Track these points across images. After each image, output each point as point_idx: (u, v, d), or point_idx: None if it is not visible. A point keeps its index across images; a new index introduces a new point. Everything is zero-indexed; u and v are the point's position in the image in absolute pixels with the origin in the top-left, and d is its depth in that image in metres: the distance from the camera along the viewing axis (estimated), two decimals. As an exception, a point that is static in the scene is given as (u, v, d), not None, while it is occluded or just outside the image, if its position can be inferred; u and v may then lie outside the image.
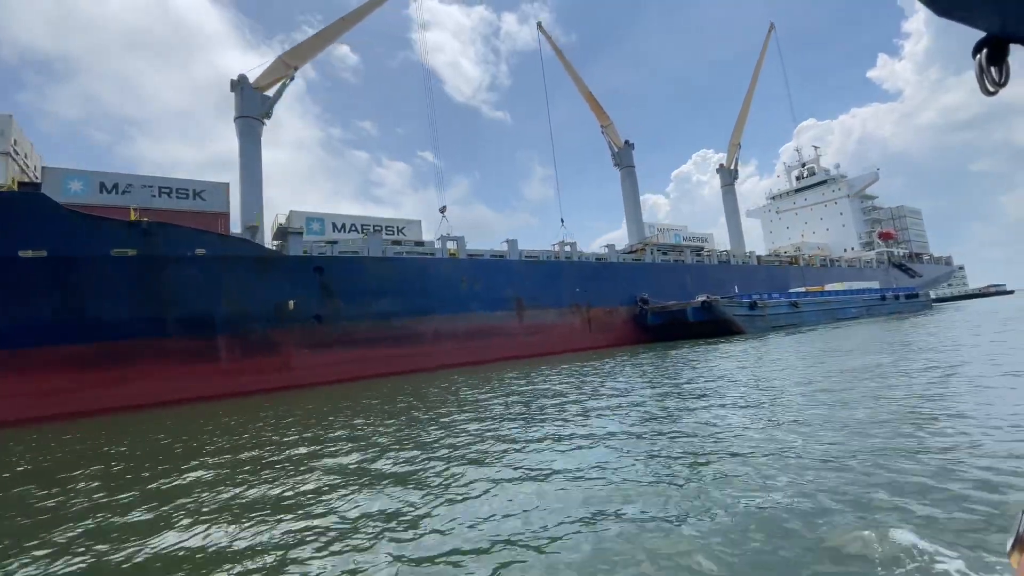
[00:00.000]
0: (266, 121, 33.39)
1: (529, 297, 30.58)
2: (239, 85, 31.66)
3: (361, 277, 24.98)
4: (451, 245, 28.78)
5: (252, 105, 31.76)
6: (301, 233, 24.44)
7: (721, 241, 57.12)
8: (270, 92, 34.09)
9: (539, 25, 57.25)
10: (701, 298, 32.12)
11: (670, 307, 32.92)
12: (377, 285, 25.39)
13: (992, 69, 0.95)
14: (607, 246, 36.70)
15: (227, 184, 26.49)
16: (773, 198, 79.26)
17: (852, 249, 68.47)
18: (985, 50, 0.94)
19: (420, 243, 28.88)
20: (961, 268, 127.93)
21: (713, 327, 31.08)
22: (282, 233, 24.55)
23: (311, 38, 35.25)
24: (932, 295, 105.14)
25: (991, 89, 0.96)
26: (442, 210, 39.73)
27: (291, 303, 23.68)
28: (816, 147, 75.58)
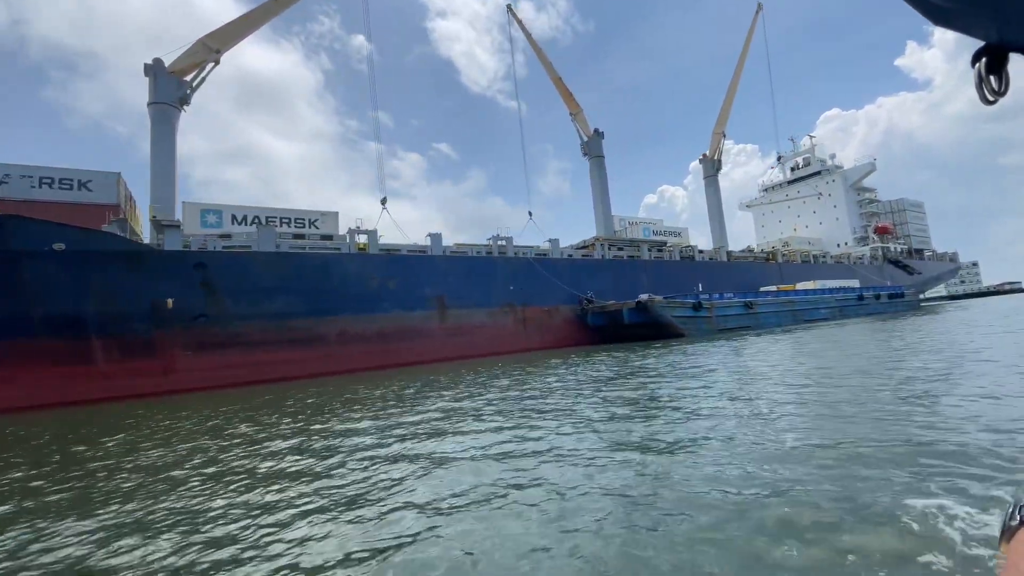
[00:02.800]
0: (185, 108, 31.76)
1: (453, 296, 28.52)
2: (152, 70, 30.00)
3: (249, 274, 23.20)
4: (361, 239, 26.79)
5: (167, 91, 30.07)
6: (178, 226, 22.68)
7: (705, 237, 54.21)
8: (199, 79, 32.61)
9: (508, 7, 54.74)
10: (643, 297, 29.73)
11: (608, 307, 30.56)
12: (270, 282, 23.59)
13: (991, 78, 0.94)
14: (550, 240, 34.36)
15: (117, 174, 24.92)
16: (766, 190, 75.64)
17: (845, 244, 64.85)
18: (984, 59, 0.93)
19: (328, 237, 26.94)
20: (975, 265, 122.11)
21: (650, 329, 28.70)
22: (158, 226, 22.86)
23: (238, 19, 33.41)
24: (940, 292, 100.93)
25: (990, 98, 0.97)
26: (382, 202, 37.86)
27: (169, 302, 22.04)
28: (811, 136, 71.68)
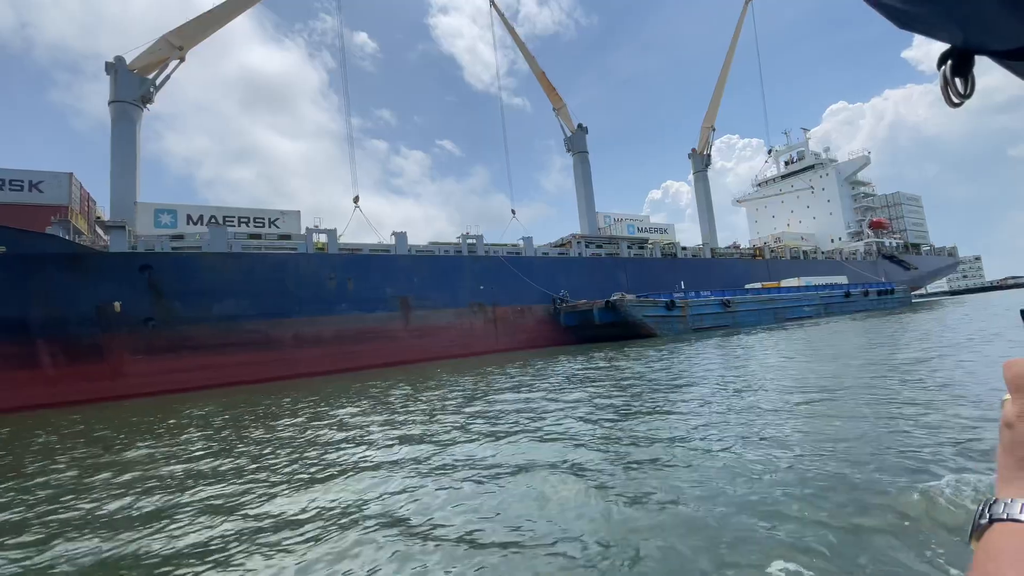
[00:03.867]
0: (148, 107, 31.24)
1: (418, 296, 27.85)
2: (114, 67, 29.47)
3: (199, 275, 22.65)
4: (320, 238, 26.15)
5: (128, 89, 29.55)
6: (123, 227, 22.12)
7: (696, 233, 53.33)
8: (163, 76, 32.05)
9: (492, 3, 53.80)
10: (616, 296, 28.98)
11: (579, 306, 29.78)
12: (220, 284, 23.03)
13: (957, 80, 0.94)
14: (523, 238, 33.60)
15: (69, 174, 24.38)
16: (759, 185, 74.41)
17: (839, 239, 63.58)
18: (950, 61, 0.93)
19: (287, 236, 26.31)
20: (977, 259, 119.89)
21: (621, 329, 27.92)
22: (103, 227, 22.32)
23: (203, 15, 32.81)
24: (941, 287, 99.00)
25: (956, 100, 0.96)
26: (355, 200, 37.26)
27: (117, 305, 21.53)
28: (805, 129, 70.19)
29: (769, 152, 75.78)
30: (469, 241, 30.81)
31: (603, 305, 27.85)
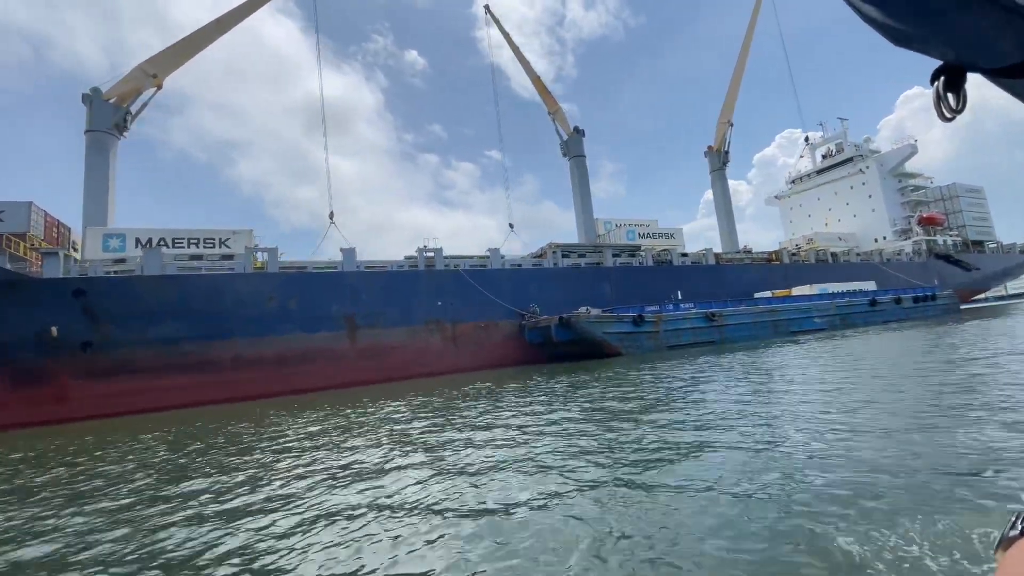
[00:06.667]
0: (125, 135, 32.39)
1: (365, 314, 26.74)
2: (89, 98, 30.76)
3: (134, 299, 22.66)
4: (261, 256, 25.66)
5: (103, 118, 30.74)
6: (56, 253, 22.50)
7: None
8: (139, 105, 33.26)
9: (487, 8, 52.79)
10: (588, 311, 26.60)
11: (541, 322, 27.51)
12: (156, 307, 22.95)
13: (949, 96, 0.97)
14: (490, 249, 31.72)
15: (28, 203, 25.31)
16: (793, 182, 68.41)
17: (884, 239, 56.98)
18: (943, 78, 0.96)
19: (229, 256, 26.03)
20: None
21: (581, 347, 25.46)
22: (39, 255, 22.81)
23: (178, 42, 33.79)
24: (1013, 290, 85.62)
25: (948, 115, 0.98)
26: (330, 216, 37.05)
27: (54, 330, 21.88)
28: (843, 119, 63.84)
29: (807, 140, 69.68)
30: (427, 254, 29.44)
31: (557, 321, 25.55)
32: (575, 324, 24.97)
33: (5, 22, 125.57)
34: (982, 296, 57.19)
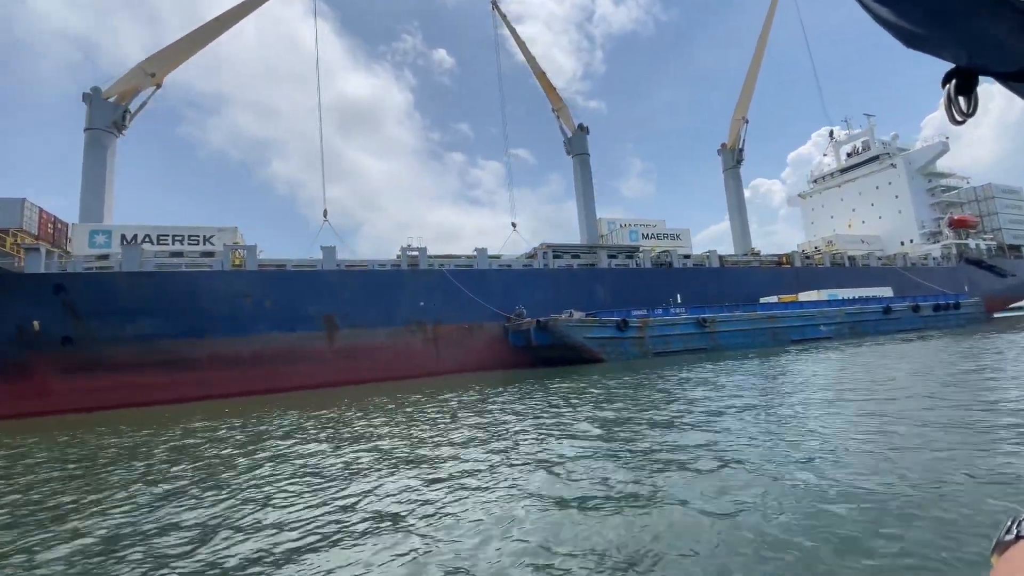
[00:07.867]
0: (124, 133, 32.98)
1: (345, 314, 26.44)
2: (89, 97, 31.40)
3: (112, 295, 22.88)
4: (240, 254, 25.62)
5: (102, 117, 31.33)
6: (38, 249, 22.87)
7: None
8: (138, 104, 33.87)
9: (494, 4, 51.98)
10: (571, 314, 25.68)
11: (523, 325, 26.65)
12: (134, 303, 23.13)
13: (961, 99, 0.96)
14: (477, 249, 30.99)
15: (21, 200, 25.87)
16: (815, 181, 65.39)
17: (911, 242, 53.81)
18: (954, 80, 0.95)
19: (210, 254, 26.07)
20: None
21: (561, 352, 24.54)
22: (21, 251, 23.24)
23: (177, 42, 34.21)
24: None
25: (959, 119, 0.98)
26: (324, 214, 37.03)
27: (36, 324, 22.30)
28: (870, 116, 60.58)
29: (831, 135, 66.55)
30: (411, 253, 28.97)
31: (535, 324, 24.68)
32: (553, 328, 24.09)
33: (61, 28, 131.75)
34: (1019, 305, 53.35)
